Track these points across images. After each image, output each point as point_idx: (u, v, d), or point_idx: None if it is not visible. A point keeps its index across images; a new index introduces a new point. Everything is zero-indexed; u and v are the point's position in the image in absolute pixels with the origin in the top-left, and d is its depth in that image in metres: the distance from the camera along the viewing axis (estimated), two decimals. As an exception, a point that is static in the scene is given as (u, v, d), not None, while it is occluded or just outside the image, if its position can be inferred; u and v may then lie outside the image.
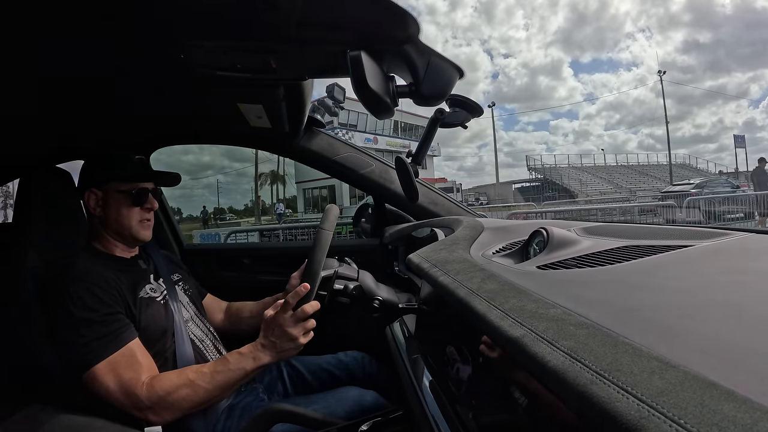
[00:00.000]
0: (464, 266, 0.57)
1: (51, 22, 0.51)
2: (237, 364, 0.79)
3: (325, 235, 0.79)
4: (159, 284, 0.95)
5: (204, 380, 0.77)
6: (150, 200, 0.96)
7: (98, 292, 0.79)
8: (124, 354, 0.77)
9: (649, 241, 0.55)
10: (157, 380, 0.76)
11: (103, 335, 0.76)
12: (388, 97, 0.57)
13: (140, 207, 0.94)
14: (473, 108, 0.72)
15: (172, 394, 0.75)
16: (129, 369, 0.76)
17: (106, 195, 0.92)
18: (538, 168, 29.66)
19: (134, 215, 0.93)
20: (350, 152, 1.33)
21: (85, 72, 0.70)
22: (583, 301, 0.37)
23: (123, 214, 0.92)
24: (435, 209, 1.31)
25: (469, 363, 0.56)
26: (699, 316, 0.30)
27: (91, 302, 0.78)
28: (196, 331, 0.96)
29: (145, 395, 0.74)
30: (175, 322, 0.90)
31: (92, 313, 0.77)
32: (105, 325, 0.77)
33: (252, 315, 1.10)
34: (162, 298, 0.92)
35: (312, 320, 0.80)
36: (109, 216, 0.92)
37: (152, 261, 1.01)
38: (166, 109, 1.04)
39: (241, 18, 0.53)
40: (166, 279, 0.98)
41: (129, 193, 0.93)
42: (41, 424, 0.70)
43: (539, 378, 0.30)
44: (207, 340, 0.97)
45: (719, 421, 0.19)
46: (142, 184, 0.95)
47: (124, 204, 0.92)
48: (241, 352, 0.81)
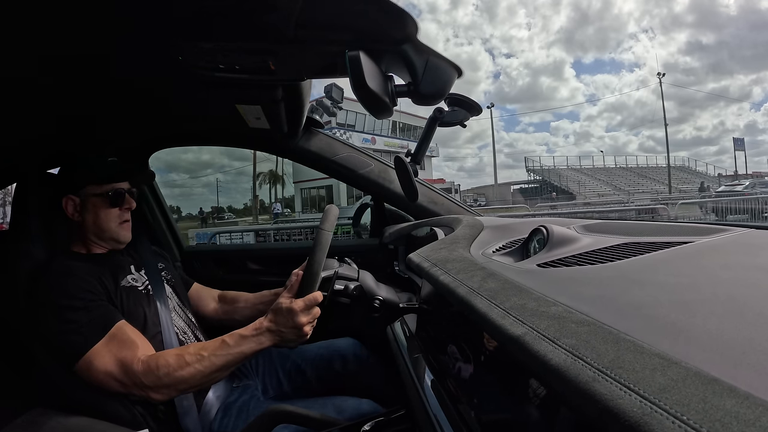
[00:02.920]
0: (464, 265, 0.57)
1: (48, 24, 0.51)
2: (237, 346, 0.77)
3: (325, 235, 0.79)
4: (140, 275, 0.95)
5: (203, 363, 0.76)
6: (127, 200, 0.96)
7: (78, 281, 0.80)
8: (115, 334, 0.77)
9: (649, 238, 0.55)
10: (153, 359, 0.76)
11: (89, 320, 0.77)
12: (386, 96, 0.57)
13: (118, 208, 0.94)
14: (472, 107, 0.72)
15: (170, 374, 0.74)
16: (123, 347, 0.76)
17: (84, 200, 0.92)
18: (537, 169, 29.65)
19: (113, 217, 0.93)
20: (349, 152, 1.33)
21: (83, 74, 0.69)
22: (583, 298, 0.37)
23: (101, 217, 0.92)
24: (435, 208, 1.31)
25: (470, 361, 0.56)
26: (700, 312, 0.30)
27: (73, 290, 0.78)
28: (178, 321, 0.96)
29: (142, 372, 0.74)
30: (159, 312, 0.90)
31: (75, 300, 0.77)
32: (89, 310, 0.78)
33: (247, 305, 1.09)
34: (144, 288, 0.92)
35: (317, 308, 0.80)
36: (87, 220, 0.92)
37: (132, 251, 1.01)
38: (165, 111, 1.04)
39: (239, 19, 0.53)
40: (148, 269, 0.98)
41: (106, 195, 0.92)
42: (41, 426, 0.70)
43: (541, 376, 0.30)
44: (188, 330, 0.97)
45: (722, 417, 0.19)
46: (117, 185, 0.94)
47: (101, 207, 0.92)
48: (243, 334, 0.78)
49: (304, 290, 0.79)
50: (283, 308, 0.78)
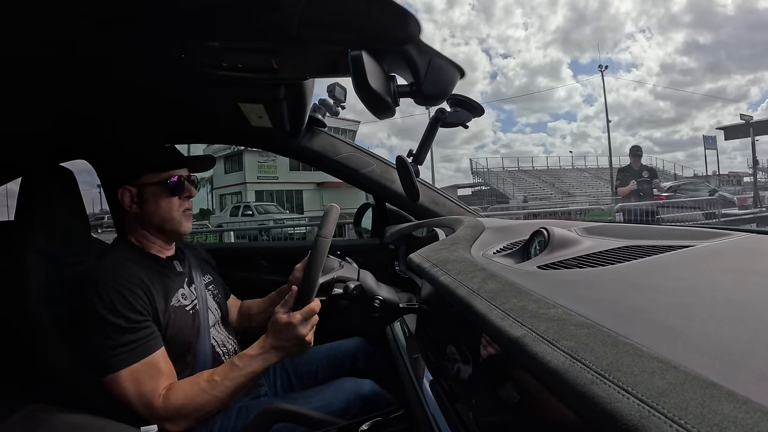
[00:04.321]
0: (465, 266, 0.57)
1: (53, 21, 0.51)
2: (247, 367, 0.78)
3: (323, 243, 0.78)
4: (191, 291, 0.92)
5: (217, 389, 0.77)
6: (188, 188, 0.91)
7: (129, 297, 0.77)
8: (149, 363, 0.76)
9: (650, 241, 0.55)
10: (172, 391, 0.76)
11: (129, 342, 0.75)
12: (389, 96, 0.57)
13: (179, 197, 0.90)
14: (474, 108, 0.72)
15: (187, 406, 0.75)
16: (151, 379, 0.75)
17: (141, 189, 0.87)
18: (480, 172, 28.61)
19: (174, 206, 0.89)
20: (351, 152, 1.33)
21: (86, 71, 0.70)
22: (583, 301, 0.37)
23: (163, 206, 0.87)
24: (436, 209, 1.31)
25: (469, 362, 0.56)
26: (700, 316, 0.30)
27: (121, 307, 0.76)
28: (218, 336, 0.95)
29: (162, 407, 0.74)
30: (201, 331, 0.89)
31: (121, 319, 0.75)
32: (133, 332, 0.76)
33: (260, 311, 1.09)
34: (191, 308, 0.90)
35: (316, 317, 0.80)
36: (147, 211, 0.87)
37: (187, 262, 0.98)
38: (168, 109, 1.04)
39: (242, 18, 0.53)
40: (198, 284, 0.95)
41: (165, 184, 0.87)
42: (41, 423, 0.70)
43: (540, 378, 0.30)
44: (229, 345, 0.96)
45: (720, 422, 0.19)
46: (176, 172, 0.89)
47: (162, 196, 0.87)
48: (251, 354, 0.79)
49: (301, 302, 0.78)
50: (281, 324, 0.78)
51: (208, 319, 0.92)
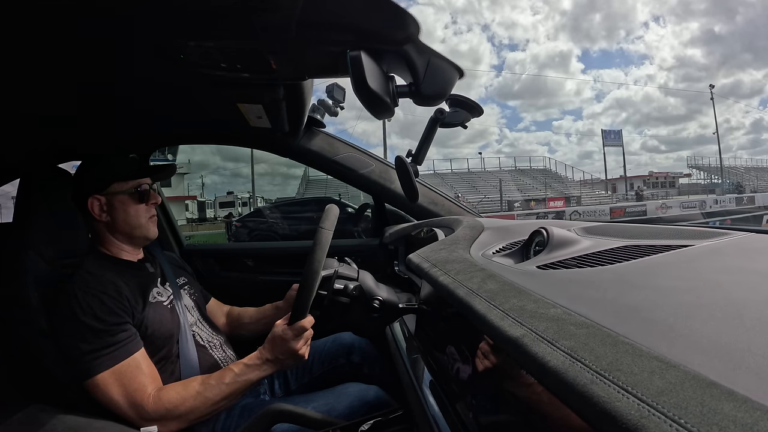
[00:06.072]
0: (464, 266, 0.57)
1: (51, 21, 0.51)
2: (243, 375, 0.80)
3: (325, 234, 0.79)
4: (165, 288, 0.96)
5: (211, 392, 0.78)
6: (153, 195, 0.97)
7: (108, 302, 0.79)
8: (129, 365, 0.77)
9: (649, 241, 0.55)
10: (164, 392, 0.77)
11: (108, 345, 0.76)
12: (388, 96, 0.57)
13: (146, 204, 0.95)
14: (473, 108, 0.72)
15: (179, 407, 0.76)
16: (134, 380, 0.76)
17: (110, 198, 0.91)
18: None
19: (142, 213, 0.94)
20: (350, 152, 1.33)
21: (85, 71, 0.69)
22: (583, 300, 0.37)
23: (131, 214, 0.92)
24: (435, 209, 1.31)
25: (469, 363, 0.56)
26: (699, 315, 0.30)
27: (100, 312, 0.77)
28: (202, 333, 0.96)
29: (152, 407, 0.75)
30: (180, 327, 0.90)
31: (100, 323, 0.77)
32: (112, 335, 0.77)
33: (252, 321, 1.12)
34: (168, 303, 0.92)
35: (310, 331, 0.82)
36: (116, 219, 0.91)
37: (158, 264, 1.01)
38: (166, 109, 1.04)
39: (241, 18, 0.53)
40: (172, 283, 0.98)
41: (133, 192, 0.93)
42: (41, 424, 0.70)
43: (539, 378, 0.30)
44: (214, 340, 0.97)
45: (719, 421, 0.19)
46: (142, 181, 0.95)
47: (129, 204, 0.92)
48: (247, 363, 0.82)
49: (296, 313, 0.80)
50: (276, 338, 0.81)
51: (186, 317, 0.94)
